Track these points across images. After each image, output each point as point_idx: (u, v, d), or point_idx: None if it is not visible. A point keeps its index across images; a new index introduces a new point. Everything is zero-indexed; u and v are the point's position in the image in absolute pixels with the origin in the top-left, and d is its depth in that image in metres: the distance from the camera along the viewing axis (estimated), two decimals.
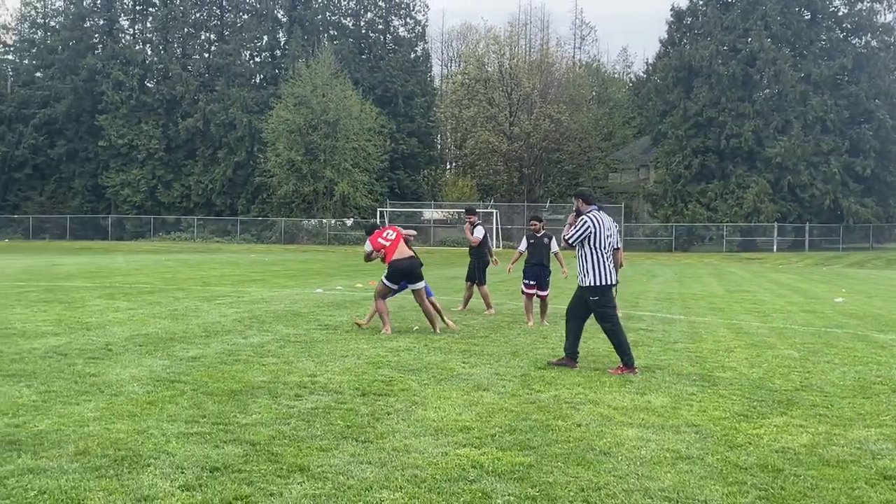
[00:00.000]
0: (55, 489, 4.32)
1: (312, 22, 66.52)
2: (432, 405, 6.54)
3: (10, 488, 4.31)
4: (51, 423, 5.67)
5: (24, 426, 5.55)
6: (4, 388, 6.77)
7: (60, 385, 6.95)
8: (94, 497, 4.22)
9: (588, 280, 8.54)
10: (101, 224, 63.20)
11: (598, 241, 8.46)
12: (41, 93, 66.35)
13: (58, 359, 8.25)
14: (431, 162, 68.93)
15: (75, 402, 6.34)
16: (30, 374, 7.41)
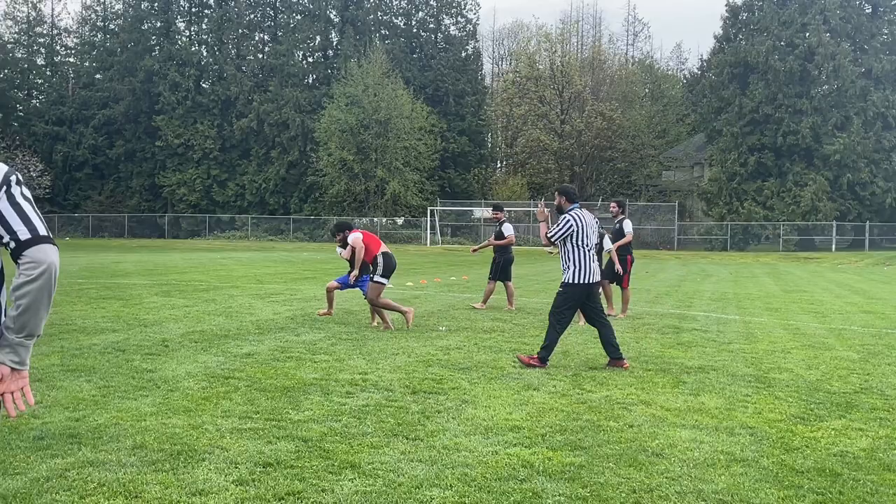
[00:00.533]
0: (113, 482, 4.41)
1: (364, 22, 66.96)
2: (482, 404, 6.54)
3: (71, 480, 4.42)
4: (109, 417, 5.80)
5: (83, 420, 5.69)
6: (66, 382, 6.95)
7: (119, 380, 7.11)
8: (150, 490, 4.31)
9: (567, 276, 8.57)
10: (158, 222, 64.49)
11: (581, 238, 8.48)
12: (101, 94, 67.94)
13: (116, 354, 8.44)
14: (482, 160, 68.86)
15: (133, 397, 6.48)
16: (89, 369, 7.60)
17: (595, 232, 8.73)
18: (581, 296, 8.59)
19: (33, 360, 7.94)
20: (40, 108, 70.35)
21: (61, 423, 5.56)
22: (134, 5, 69.44)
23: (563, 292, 8.57)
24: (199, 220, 63.59)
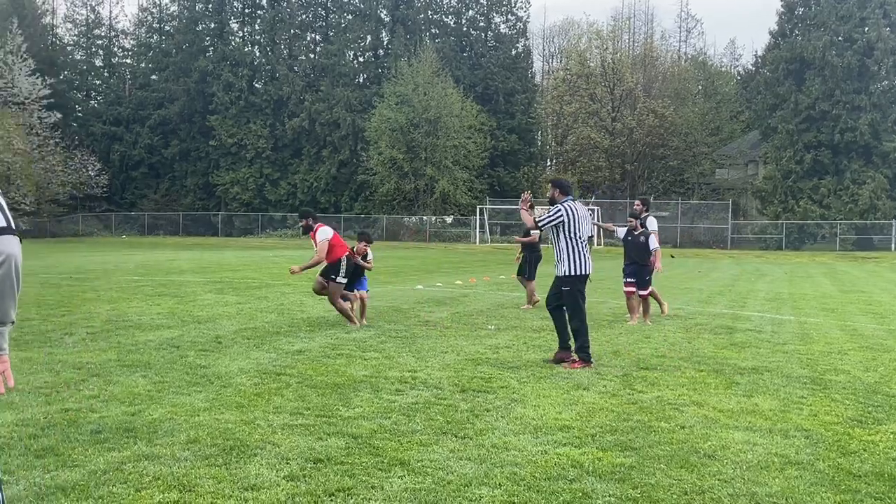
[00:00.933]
0: (168, 475, 4.50)
1: (415, 21, 67.18)
2: (531, 403, 6.51)
3: (127, 473, 4.52)
4: (164, 412, 5.91)
5: (139, 414, 5.81)
6: (122, 377, 7.10)
7: (173, 376, 7.24)
8: (203, 484, 4.38)
9: (563, 269, 8.53)
10: (212, 221, 65.52)
11: (572, 230, 8.44)
12: (156, 94, 69.26)
13: (171, 350, 8.60)
14: (531, 159, 68.59)
15: (187, 392, 6.60)
16: (145, 364, 7.75)
17: (588, 225, 8.73)
18: (583, 285, 8.61)
19: (92, 355, 8.14)
20: (98, 109, 72.00)
21: (118, 418, 5.69)
22: (189, 7, 70.66)
23: (569, 290, 8.52)
24: (252, 218, 64.44)
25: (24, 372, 7.18)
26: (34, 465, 4.60)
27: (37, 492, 4.17)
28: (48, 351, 8.33)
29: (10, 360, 7.58)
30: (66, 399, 6.21)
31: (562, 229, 8.49)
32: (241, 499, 4.18)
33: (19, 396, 6.22)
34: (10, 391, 5.91)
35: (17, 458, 4.69)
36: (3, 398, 6.13)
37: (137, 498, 4.14)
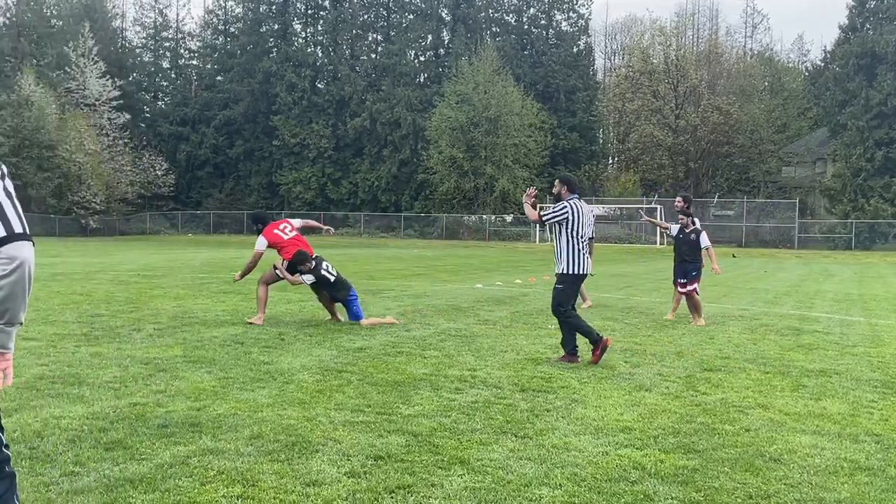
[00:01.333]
0: (232, 470, 4.57)
1: (475, 20, 67.18)
2: (592, 404, 6.45)
3: (193, 467, 4.61)
4: (228, 407, 6.01)
5: (204, 409, 5.92)
6: (188, 373, 7.25)
7: (237, 372, 7.37)
8: (266, 480, 4.44)
9: (561, 266, 8.48)
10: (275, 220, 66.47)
11: (575, 228, 8.38)
12: (221, 95, 70.60)
13: (235, 347, 8.75)
14: (593, 157, 68.04)
15: (250, 388, 6.70)
16: (210, 360, 7.90)
17: (590, 225, 8.67)
18: (577, 286, 8.58)
19: (159, 351, 8.33)
20: (165, 110, 73.74)
21: (183, 413, 5.80)
22: (253, 8, 71.86)
23: (561, 287, 8.50)
24: (314, 217, 65.07)
25: (94, 367, 7.38)
26: (104, 457, 4.73)
27: (106, 483, 4.28)
28: (117, 346, 8.55)
29: (82, 354, 7.75)
30: (135, 393, 6.36)
31: (564, 227, 8.46)
32: (303, 494, 4.23)
33: (90, 390, 6.40)
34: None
35: (87, 451, 4.83)
36: (73, 392, 6.32)
37: (202, 492, 4.21)
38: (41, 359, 7.70)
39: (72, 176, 58.31)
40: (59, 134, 57.15)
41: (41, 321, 10.37)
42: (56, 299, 13.15)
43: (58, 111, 58.32)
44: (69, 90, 62.33)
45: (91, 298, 13.47)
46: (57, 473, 4.41)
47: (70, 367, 7.35)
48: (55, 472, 4.44)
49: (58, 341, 8.78)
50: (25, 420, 5.45)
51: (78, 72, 62.91)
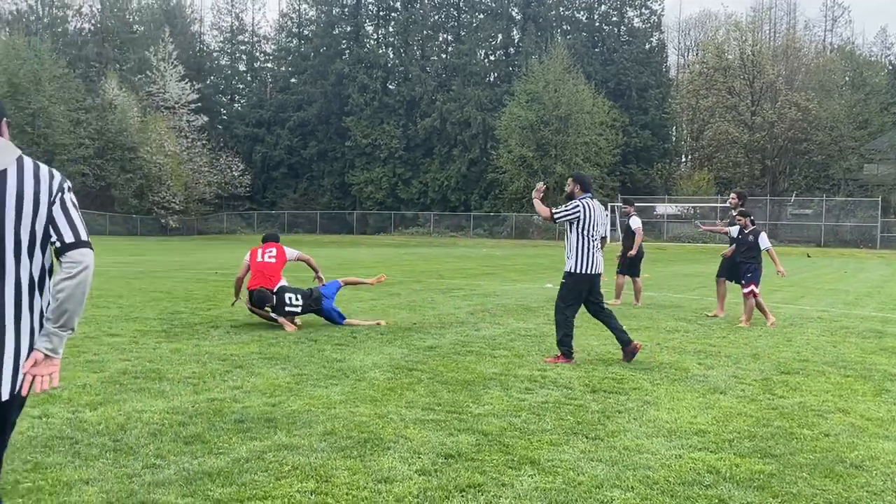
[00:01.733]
0: (306, 465, 4.66)
1: (546, 18, 66.84)
2: (665, 406, 6.37)
3: (268, 462, 4.71)
4: (302, 403, 6.12)
5: (279, 405, 6.04)
6: (263, 369, 7.41)
7: (311, 369, 7.49)
8: (339, 475, 4.51)
9: (569, 265, 8.40)
10: (347, 219, 67.35)
11: (587, 227, 8.31)
12: (295, 97, 71.78)
13: (309, 344, 8.89)
14: (665, 155, 66.98)
15: (324, 385, 6.81)
16: (285, 357, 8.05)
17: (603, 224, 8.57)
18: (584, 286, 8.45)
19: (236, 347, 8.53)
20: (241, 112, 75.35)
21: (259, 408, 5.93)
22: (326, 11, 72.85)
23: (565, 283, 8.44)
24: (385, 216, 65.79)
25: (173, 363, 7.61)
26: (183, 451, 4.87)
27: (185, 476, 4.41)
28: (195, 343, 8.79)
29: (163, 350, 8.01)
30: (212, 389, 6.53)
31: (576, 225, 8.40)
32: (374, 490, 4.28)
33: (170, 385, 6.59)
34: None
35: (168, 444, 4.98)
36: (154, 387, 6.52)
37: (277, 486, 4.31)
38: (124, 354, 7.97)
39: (152, 177, 60.09)
40: (141, 136, 58.96)
41: (124, 318, 10.73)
42: (138, 297, 13.58)
43: (139, 114, 60.17)
44: (150, 94, 64.24)
45: (171, 296, 13.86)
46: (139, 465, 4.56)
47: (151, 362, 7.58)
48: (137, 464, 4.59)
49: (140, 337, 9.06)
50: (109, 413, 5.65)
51: (158, 76, 64.79)
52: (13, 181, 2.82)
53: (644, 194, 61.50)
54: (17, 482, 4.24)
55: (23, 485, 4.21)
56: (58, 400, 5.99)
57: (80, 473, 4.41)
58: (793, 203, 55.39)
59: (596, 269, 8.47)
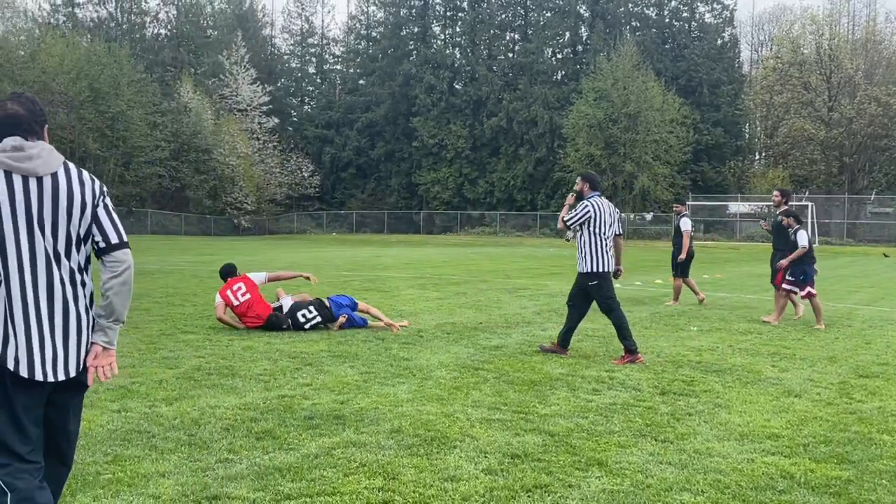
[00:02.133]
0: (373, 462, 4.71)
1: (614, 15, 66.12)
2: (737, 409, 6.24)
3: (336, 458, 4.78)
4: (370, 401, 6.19)
5: (347, 403, 6.12)
6: (332, 367, 7.51)
7: (378, 367, 7.57)
8: (406, 473, 4.55)
9: (586, 266, 8.38)
10: (414, 219, 67.72)
11: (597, 226, 8.29)
12: (364, 98, 72.53)
13: (377, 343, 8.98)
14: (738, 152, 65.56)
15: (391, 383, 6.87)
16: (353, 356, 8.15)
17: (615, 222, 8.56)
18: (610, 280, 8.51)
19: (305, 345, 8.66)
20: (311, 114, 76.48)
21: (328, 405, 6.02)
22: (394, 13, 73.41)
23: (595, 284, 8.45)
24: (452, 216, 65.94)
25: (246, 360, 7.77)
26: (255, 446, 4.97)
27: (257, 471, 4.50)
28: (267, 340, 8.96)
29: (235, 347, 8.18)
30: (283, 386, 6.65)
31: (587, 226, 8.41)
32: (441, 489, 4.31)
33: (242, 382, 6.74)
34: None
35: (240, 439, 5.09)
36: (227, 383, 6.67)
37: (345, 482, 4.36)
38: (198, 351, 8.17)
39: (225, 178, 61.43)
40: (214, 138, 60.34)
41: (199, 315, 10.99)
42: (212, 295, 13.89)
43: (213, 117, 61.58)
44: (223, 96, 65.69)
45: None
46: (212, 460, 4.68)
47: (224, 359, 7.76)
48: (211, 458, 4.71)
49: (213, 335, 9.28)
50: (184, 408, 5.80)
51: (231, 79, 66.21)
52: (64, 183, 3.07)
53: (716, 192, 60.31)
54: (97, 473, 4.39)
55: (103, 476, 4.36)
56: (135, 395, 6.18)
57: (157, 466, 4.54)
58: (872, 201, 53.62)
59: (611, 265, 8.54)
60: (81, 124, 52.13)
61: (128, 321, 10.27)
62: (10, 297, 2.98)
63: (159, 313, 11.22)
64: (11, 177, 2.97)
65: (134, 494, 4.10)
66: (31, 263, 3.00)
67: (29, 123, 3.12)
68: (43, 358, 3.02)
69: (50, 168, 3.05)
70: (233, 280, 9.97)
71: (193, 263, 23.50)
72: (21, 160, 2.99)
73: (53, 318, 3.05)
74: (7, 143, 3.03)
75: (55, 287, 3.05)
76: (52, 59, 51.82)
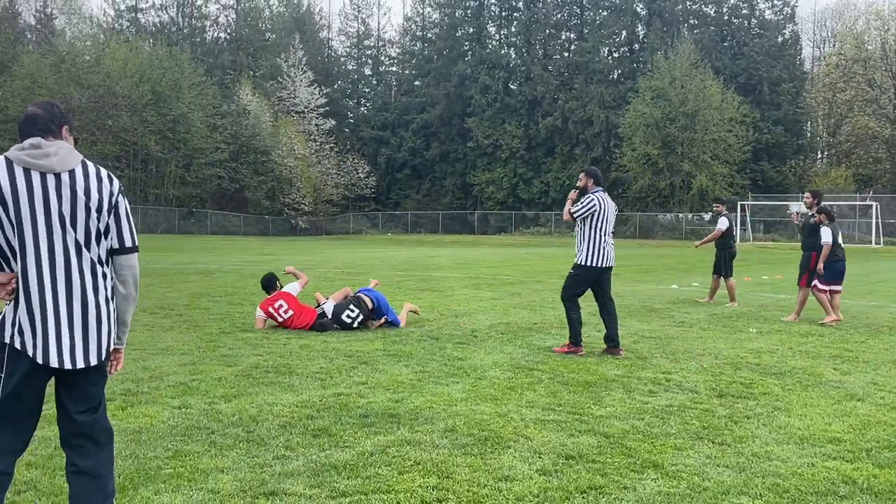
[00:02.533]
0: (427, 461, 4.74)
1: (672, 13, 65.31)
2: (797, 412, 6.12)
3: (391, 456, 4.82)
4: (424, 400, 6.23)
5: (402, 402, 6.17)
6: (387, 366, 7.58)
7: (433, 366, 7.60)
8: (460, 472, 4.56)
9: (581, 257, 8.50)
10: (468, 219, 67.79)
11: (599, 221, 8.43)
12: (419, 100, 72.90)
13: (431, 342, 9.03)
14: (799, 151, 64.19)
15: (445, 382, 6.90)
16: (408, 355, 8.20)
17: (614, 218, 8.84)
18: (592, 278, 8.58)
19: (361, 344, 8.75)
20: (367, 115, 77.15)
21: (383, 404, 6.07)
22: (449, 14, 73.65)
23: (574, 273, 8.62)
24: (506, 216, 65.83)
25: (302, 358, 7.88)
26: (311, 443, 5.04)
27: (313, 468, 4.57)
28: (323, 339, 9.07)
29: (293, 346, 8.31)
30: (339, 384, 6.73)
31: (589, 219, 8.53)
32: (495, 489, 4.31)
33: (299, 380, 6.83)
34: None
35: (297, 436, 5.17)
36: (285, 381, 6.77)
37: (400, 480, 4.40)
38: (256, 349, 8.31)
39: (283, 179, 62.30)
40: (273, 140, 61.25)
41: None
42: None
43: (271, 119, 62.53)
44: (281, 99, 66.65)
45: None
46: (270, 456, 4.76)
47: (282, 357, 7.88)
48: (268, 454, 4.79)
49: (271, 333, 9.43)
50: (243, 405, 5.91)
51: (289, 81, 67.13)
52: (81, 180, 3.23)
53: (776, 192, 59.16)
54: (158, 468, 4.51)
55: (164, 470, 4.47)
56: (196, 392, 6.31)
57: (216, 462, 4.64)
58: None
59: (607, 262, 8.67)
60: (144, 127, 53.39)
61: (188, 319, 10.51)
62: (28, 286, 3.14)
63: (219, 312, 11.44)
64: (30, 173, 3.15)
65: (193, 489, 4.19)
66: (49, 254, 3.16)
67: (46, 123, 3.28)
68: (59, 346, 3.16)
69: (67, 165, 3.20)
70: (273, 297, 10.06)
71: (252, 263, 23.88)
72: (38, 157, 3.16)
73: (72, 308, 3.19)
74: (27, 142, 3.21)
75: (73, 278, 3.20)
76: (116, 63, 53.20)
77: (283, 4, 77.66)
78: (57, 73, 52.02)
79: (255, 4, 74.99)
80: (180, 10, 72.53)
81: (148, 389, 6.34)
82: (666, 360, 8.23)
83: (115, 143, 52.57)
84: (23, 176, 3.13)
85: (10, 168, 3.13)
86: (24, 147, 3.18)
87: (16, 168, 3.13)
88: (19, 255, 3.13)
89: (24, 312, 3.13)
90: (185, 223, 57.55)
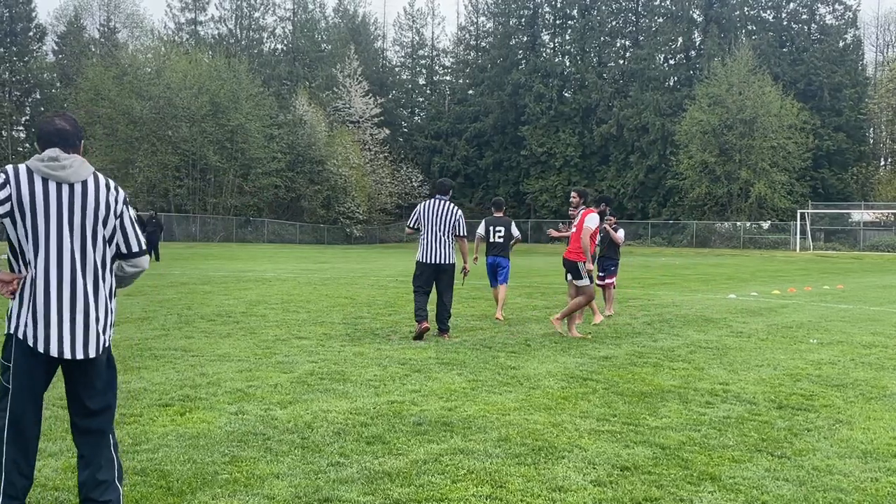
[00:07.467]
0: (481, 470, 4.73)
1: (729, 19, 64.41)
2: (860, 425, 5.97)
3: (444, 465, 4.82)
4: (477, 409, 6.22)
5: (455, 410, 6.17)
6: (440, 374, 7.59)
7: (486, 375, 7.59)
8: (513, 482, 4.55)
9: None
10: (522, 228, 67.58)
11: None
12: (472, 109, 73.02)
13: (484, 351, 9.02)
14: (862, 158, 62.67)
15: (498, 391, 6.88)
16: (461, 363, 8.21)
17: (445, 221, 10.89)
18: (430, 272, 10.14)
19: (414, 352, 8.78)
20: (421, 124, 77.56)
21: (436, 412, 6.08)
22: (503, 23, 73.72)
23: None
24: (553, 226, 65.42)
25: (356, 365, 7.94)
26: (365, 450, 5.08)
27: (367, 475, 4.59)
28: (377, 347, 9.13)
29: (347, 353, 8.34)
30: (392, 392, 6.76)
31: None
32: (548, 499, 4.29)
33: (353, 387, 6.89)
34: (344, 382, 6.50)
35: (351, 444, 5.21)
36: (339, 388, 6.83)
37: (453, 489, 4.40)
38: (311, 356, 8.40)
39: (338, 188, 62.92)
40: (328, 150, 61.93)
41: (312, 322, 11.30)
42: (324, 302, 14.26)
43: (327, 129, 63.24)
44: (336, 109, 67.38)
45: (354, 302, 14.45)
46: (324, 463, 4.80)
47: (336, 364, 7.95)
48: (323, 461, 4.83)
49: (326, 340, 9.52)
50: (298, 412, 5.98)
51: (344, 91, 67.84)
52: (93, 190, 3.58)
53: (837, 200, 57.83)
54: (216, 473, 4.58)
55: (221, 476, 4.54)
56: (252, 398, 6.40)
57: (272, 468, 4.69)
58: None
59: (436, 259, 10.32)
60: (203, 137, 54.44)
61: (245, 326, 10.67)
62: (37, 285, 3.45)
63: (275, 319, 11.59)
64: (48, 183, 3.48)
65: (250, 494, 4.25)
66: (57, 257, 3.48)
67: (72, 138, 3.61)
68: (61, 339, 3.46)
69: (80, 177, 3.54)
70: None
71: (306, 271, 24.15)
72: (56, 169, 3.49)
73: (75, 307, 3.50)
74: (46, 153, 3.52)
75: (77, 279, 3.51)
76: (176, 75, 54.36)
77: (339, 16, 78.57)
78: (119, 85, 53.40)
79: (312, 16, 75.99)
80: (238, 22, 73.86)
81: (205, 395, 6.45)
82: (724, 371, 8.10)
83: (175, 154, 53.73)
84: (41, 185, 3.46)
85: (31, 178, 3.46)
86: (43, 159, 3.50)
87: (35, 178, 3.46)
88: (32, 256, 3.46)
89: (32, 308, 3.46)
90: (243, 231, 58.45)
